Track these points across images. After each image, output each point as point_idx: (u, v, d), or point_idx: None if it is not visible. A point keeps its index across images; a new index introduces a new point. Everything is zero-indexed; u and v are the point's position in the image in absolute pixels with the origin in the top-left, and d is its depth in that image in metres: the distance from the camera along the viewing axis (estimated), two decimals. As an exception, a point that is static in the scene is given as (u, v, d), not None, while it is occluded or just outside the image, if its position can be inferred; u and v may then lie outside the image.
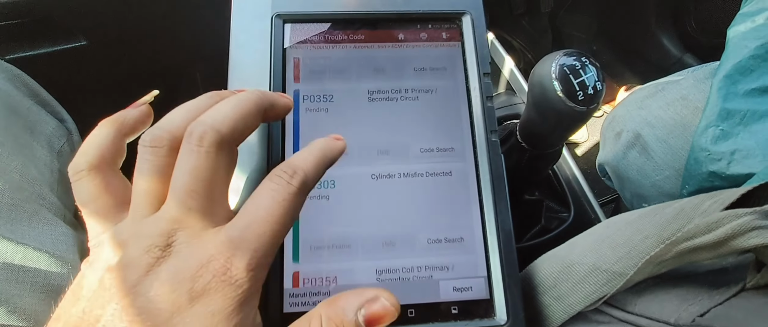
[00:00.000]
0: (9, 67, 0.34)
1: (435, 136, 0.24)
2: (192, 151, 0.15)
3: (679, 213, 0.20)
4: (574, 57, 0.28)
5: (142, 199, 0.16)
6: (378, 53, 0.26)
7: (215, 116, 0.16)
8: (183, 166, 0.15)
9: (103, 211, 0.16)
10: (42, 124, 0.34)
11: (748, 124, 0.27)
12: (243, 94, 0.17)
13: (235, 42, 0.25)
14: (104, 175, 0.17)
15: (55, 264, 0.26)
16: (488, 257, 0.23)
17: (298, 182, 0.16)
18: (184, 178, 0.15)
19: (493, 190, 0.24)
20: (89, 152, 0.17)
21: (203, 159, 0.15)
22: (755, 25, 0.29)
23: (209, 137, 0.15)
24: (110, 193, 0.17)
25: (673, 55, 0.94)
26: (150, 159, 0.16)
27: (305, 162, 0.16)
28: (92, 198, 0.16)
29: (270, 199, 0.15)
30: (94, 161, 0.16)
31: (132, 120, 0.18)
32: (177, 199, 0.15)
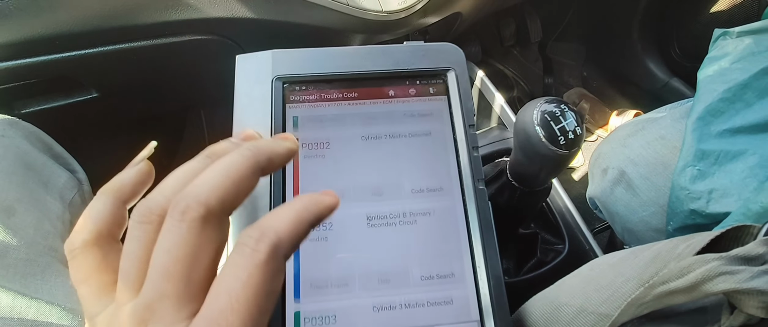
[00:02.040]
0: (26, 125, 0.36)
1: (426, 176, 0.26)
2: (173, 227, 0.14)
3: (656, 256, 0.22)
4: (554, 104, 0.30)
5: (125, 283, 0.14)
6: (370, 109, 0.28)
7: (201, 186, 0.14)
8: (162, 244, 0.14)
9: (97, 291, 0.15)
10: (55, 177, 0.35)
11: (722, 163, 0.29)
12: (235, 156, 0.15)
13: (239, 104, 0.27)
14: (100, 251, 0.15)
15: (66, 317, 0.28)
16: (480, 301, 0.24)
17: (266, 248, 0.13)
18: (162, 258, 0.14)
19: (482, 235, 0.25)
20: (84, 228, 0.16)
21: (184, 235, 0.14)
22: (721, 69, 0.31)
23: (192, 212, 0.14)
24: (105, 270, 0.15)
25: (661, 79, 0.97)
26: (137, 235, 0.14)
27: (279, 222, 0.14)
28: (85, 277, 0.15)
29: (233, 279, 0.13)
30: (89, 237, 0.15)
31: (130, 184, 0.17)
32: (152, 282, 0.14)
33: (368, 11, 0.47)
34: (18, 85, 0.40)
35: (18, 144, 0.33)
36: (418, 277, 0.24)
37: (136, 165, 0.17)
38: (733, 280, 0.18)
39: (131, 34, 0.42)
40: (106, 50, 0.41)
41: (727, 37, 0.33)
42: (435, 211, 0.25)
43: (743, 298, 0.18)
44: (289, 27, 0.47)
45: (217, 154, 0.16)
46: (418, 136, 0.27)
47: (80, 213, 0.37)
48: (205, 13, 0.42)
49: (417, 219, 0.25)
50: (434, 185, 0.26)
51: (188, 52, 0.46)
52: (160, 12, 0.41)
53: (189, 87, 0.55)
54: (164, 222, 0.14)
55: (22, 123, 0.36)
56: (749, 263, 0.18)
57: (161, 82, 0.51)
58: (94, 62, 0.42)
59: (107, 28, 0.40)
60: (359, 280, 0.23)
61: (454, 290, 0.24)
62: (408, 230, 0.25)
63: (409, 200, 0.25)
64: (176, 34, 0.43)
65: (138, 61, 0.44)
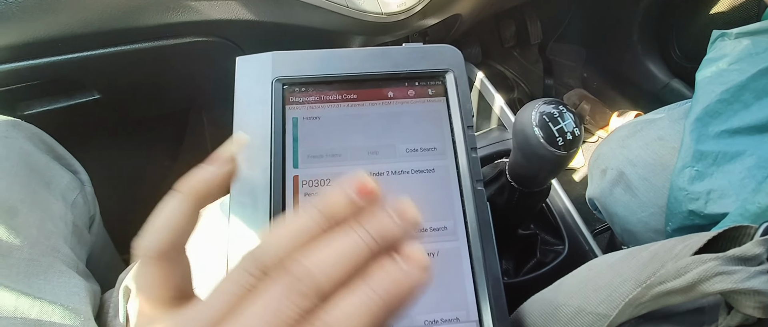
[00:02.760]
0: (29, 126, 0.36)
1: (425, 176, 0.26)
2: (275, 295, 0.13)
3: (653, 257, 0.22)
4: (552, 105, 0.30)
5: (204, 316, 0.13)
6: (369, 110, 0.28)
7: (320, 269, 0.13)
8: (260, 305, 0.13)
9: (158, 302, 0.15)
10: (58, 178, 0.36)
11: (720, 164, 0.29)
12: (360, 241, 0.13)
13: (239, 105, 0.27)
14: (170, 264, 0.15)
15: (68, 316, 0.28)
16: (479, 302, 0.24)
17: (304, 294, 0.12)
18: (251, 321, 0.12)
19: (481, 236, 0.25)
20: (160, 234, 0.15)
21: (284, 310, 0.12)
22: (719, 70, 0.31)
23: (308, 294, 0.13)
24: (170, 285, 0.15)
25: (661, 81, 0.97)
26: (240, 282, 0.13)
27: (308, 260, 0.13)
28: (151, 287, 0.15)
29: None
30: (164, 247, 0.15)
31: (213, 185, 0.16)
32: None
33: (368, 13, 0.47)
34: (21, 87, 0.40)
35: (21, 145, 0.34)
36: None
37: (218, 163, 0.16)
38: (729, 280, 0.18)
39: (133, 35, 0.42)
40: (108, 52, 0.41)
41: (725, 38, 0.33)
42: (433, 208, 0.25)
43: (740, 298, 0.18)
44: (290, 29, 0.47)
45: (334, 217, 0.14)
46: (416, 137, 0.27)
47: (83, 214, 0.37)
48: (205, 15, 0.43)
49: (415, 200, 0.25)
50: (433, 186, 0.26)
51: (189, 54, 0.46)
52: (161, 14, 0.41)
53: (190, 88, 0.55)
54: (271, 281, 0.13)
55: (25, 124, 0.36)
56: (746, 263, 0.18)
57: (162, 83, 0.51)
58: (96, 64, 0.42)
59: (109, 30, 0.40)
60: None
61: (453, 290, 0.24)
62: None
63: (408, 177, 0.26)
64: (177, 36, 0.44)
65: (140, 62, 0.45)
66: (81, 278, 0.31)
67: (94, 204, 0.40)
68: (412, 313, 0.23)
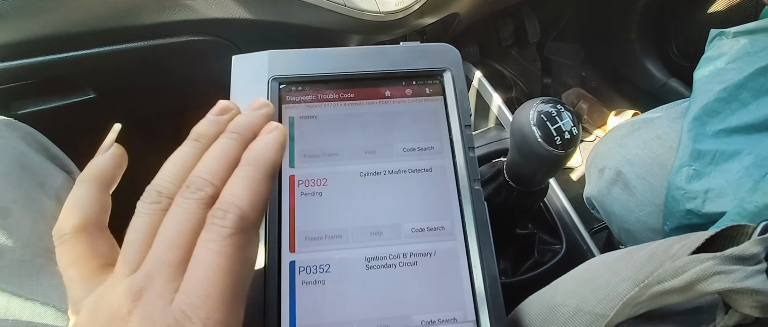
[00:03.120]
0: (22, 126, 0.36)
1: (422, 175, 0.26)
2: (183, 203, 0.15)
3: (651, 256, 0.22)
4: (550, 104, 0.30)
5: (126, 257, 0.15)
6: (367, 109, 0.28)
7: (204, 171, 0.16)
8: (171, 218, 0.15)
9: (85, 275, 0.15)
10: (51, 178, 0.35)
11: (718, 163, 0.29)
12: (226, 141, 0.17)
13: (235, 103, 0.27)
14: (89, 237, 0.16)
15: (61, 318, 0.27)
16: (476, 302, 0.24)
17: (231, 222, 0.14)
18: (169, 230, 0.15)
19: (478, 235, 0.25)
20: (73, 214, 0.16)
21: (193, 211, 0.15)
22: (717, 69, 0.31)
23: (201, 192, 0.15)
24: (93, 256, 0.16)
25: (659, 80, 0.97)
26: (145, 213, 0.15)
27: (234, 193, 0.15)
28: (74, 261, 0.16)
29: (207, 251, 0.14)
30: (79, 223, 0.16)
31: (110, 169, 0.18)
32: (155, 251, 0.14)
33: (365, 12, 0.47)
34: (15, 86, 0.40)
35: (14, 145, 0.33)
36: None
37: (107, 150, 0.18)
38: (727, 280, 0.18)
39: (128, 34, 0.42)
40: (103, 51, 0.41)
41: (723, 37, 0.33)
42: (431, 207, 0.25)
43: (738, 297, 0.18)
44: (287, 28, 0.47)
45: (204, 136, 0.17)
46: (413, 136, 0.27)
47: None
48: (202, 13, 0.42)
49: (412, 197, 0.25)
50: (430, 186, 0.26)
51: (185, 53, 0.46)
52: (157, 13, 0.41)
53: (186, 88, 0.55)
54: (174, 202, 0.15)
55: (19, 124, 0.35)
56: (744, 263, 0.18)
57: (158, 82, 0.51)
58: (91, 63, 0.42)
59: (104, 29, 0.40)
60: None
61: (450, 290, 0.24)
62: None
63: (405, 176, 0.25)
64: (173, 35, 0.43)
65: (135, 61, 0.44)
66: (75, 279, 0.31)
67: (89, 204, 0.40)
68: (409, 312, 0.23)
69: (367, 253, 0.24)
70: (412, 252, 0.24)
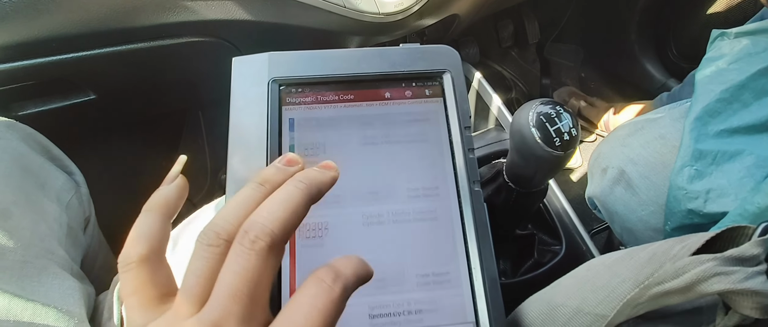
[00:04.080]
0: (23, 127, 0.36)
1: (422, 178, 0.26)
2: (243, 252, 0.15)
3: (651, 257, 0.22)
4: (549, 106, 0.30)
5: (187, 297, 0.15)
6: (367, 111, 0.28)
7: (268, 217, 0.16)
8: (232, 266, 0.15)
9: (145, 303, 0.16)
10: (52, 179, 0.35)
11: (719, 163, 0.29)
12: (292, 189, 0.17)
13: (235, 106, 0.27)
14: (151, 267, 0.16)
15: (62, 318, 0.27)
16: (476, 303, 0.24)
17: (340, 288, 0.15)
18: (231, 279, 0.15)
19: (477, 237, 0.25)
20: (140, 243, 0.16)
21: (253, 261, 0.15)
22: (719, 70, 0.31)
23: (261, 242, 0.15)
24: (155, 284, 0.16)
25: (658, 80, 0.97)
26: (204, 256, 0.15)
27: (350, 268, 0.16)
28: (136, 289, 0.16)
29: (310, 306, 0.14)
30: (145, 252, 0.16)
31: (174, 200, 0.18)
32: (219, 301, 0.15)
33: (365, 13, 0.47)
34: (15, 87, 0.40)
35: (15, 146, 0.33)
36: (414, 277, 0.24)
37: (172, 181, 0.19)
38: (727, 281, 0.18)
39: (129, 36, 0.42)
40: (103, 52, 0.41)
41: (724, 37, 0.33)
42: (430, 213, 0.25)
43: (738, 298, 0.18)
44: (287, 29, 0.47)
45: (270, 182, 0.18)
46: (414, 137, 0.27)
47: (77, 215, 0.37)
48: (202, 15, 0.42)
49: (413, 220, 0.25)
50: (430, 186, 0.26)
51: (185, 54, 0.46)
52: (157, 14, 0.41)
53: (186, 89, 0.55)
54: (232, 247, 0.15)
55: (19, 125, 0.36)
56: (744, 264, 0.18)
57: (159, 84, 0.51)
58: (91, 64, 0.42)
59: (105, 30, 0.40)
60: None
61: (450, 291, 0.24)
62: (404, 231, 0.25)
63: (405, 202, 0.25)
64: (173, 36, 0.43)
65: (135, 63, 0.44)
66: (75, 280, 0.31)
67: (89, 205, 0.40)
68: (409, 312, 0.23)
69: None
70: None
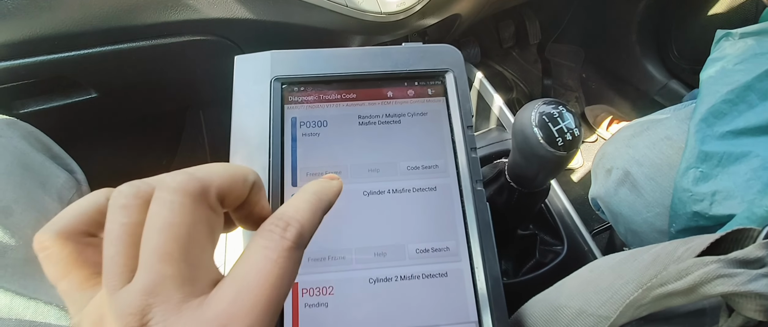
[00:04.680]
0: (24, 125, 0.36)
1: (425, 176, 0.26)
2: (164, 202, 0.13)
3: (655, 259, 0.21)
4: (552, 105, 0.30)
5: (111, 270, 0.13)
6: (369, 110, 0.28)
7: (195, 169, 0.14)
8: (154, 222, 0.13)
9: (78, 285, 0.14)
10: (53, 177, 0.35)
11: (725, 165, 0.29)
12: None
13: (238, 104, 0.27)
14: (74, 246, 0.14)
15: (64, 317, 0.27)
16: (478, 302, 0.24)
17: (293, 235, 0.13)
18: (156, 238, 0.13)
19: (480, 236, 0.25)
20: (60, 222, 0.14)
21: (178, 213, 0.13)
22: (724, 70, 0.31)
23: (186, 185, 0.13)
24: (83, 265, 0.14)
25: (659, 81, 0.97)
26: (118, 219, 0.13)
27: (298, 211, 0.14)
28: (64, 273, 0.14)
29: (263, 259, 0.13)
30: (65, 229, 0.14)
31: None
32: (149, 265, 0.12)
33: (367, 12, 0.47)
34: (16, 85, 0.40)
35: (16, 144, 0.33)
36: (420, 271, 0.24)
37: None
38: (731, 283, 0.18)
39: (130, 34, 0.41)
40: (105, 50, 0.41)
41: (729, 38, 0.33)
42: (433, 211, 0.25)
43: (741, 300, 0.18)
44: (288, 28, 0.47)
45: None
46: (416, 136, 0.27)
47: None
48: (204, 13, 0.42)
49: (415, 212, 0.25)
50: (432, 185, 0.26)
51: (187, 53, 0.46)
52: (159, 12, 0.41)
53: (188, 88, 0.55)
54: (152, 201, 0.13)
55: (21, 123, 0.35)
56: (748, 266, 0.18)
57: (160, 82, 0.51)
58: (93, 62, 0.42)
59: (106, 28, 0.40)
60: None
61: (452, 290, 0.24)
62: (407, 210, 0.25)
63: (408, 196, 0.25)
64: (175, 35, 0.43)
65: (137, 61, 0.44)
66: (76, 279, 0.31)
67: (90, 204, 0.40)
68: (411, 314, 0.23)
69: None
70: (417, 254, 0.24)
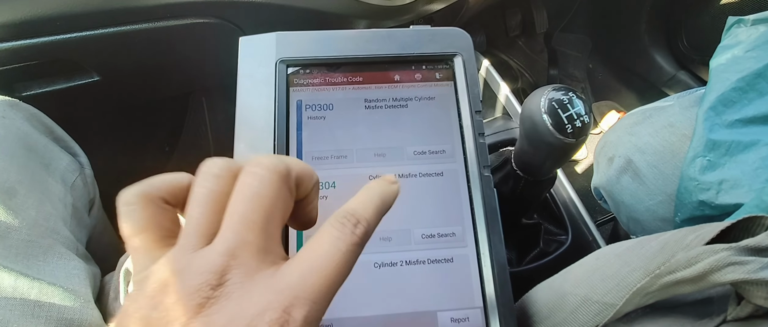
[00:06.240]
0: (27, 107, 0.35)
1: (432, 161, 0.26)
2: (254, 175, 0.14)
3: (663, 246, 0.21)
4: (562, 91, 0.30)
5: (194, 229, 0.14)
6: (375, 93, 0.27)
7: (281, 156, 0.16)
8: (243, 191, 0.14)
9: (149, 244, 0.14)
10: (56, 160, 0.35)
11: (733, 154, 0.28)
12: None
13: (242, 87, 0.26)
14: (156, 208, 0.15)
15: (68, 298, 0.28)
16: (484, 288, 0.24)
17: (361, 233, 0.14)
18: (244, 206, 0.14)
19: (487, 222, 0.25)
20: (143, 184, 0.15)
21: (266, 186, 0.14)
22: (735, 58, 0.31)
23: (275, 167, 0.14)
24: (159, 226, 0.15)
25: (668, 72, 0.96)
26: (208, 185, 0.14)
27: (367, 210, 0.15)
28: (140, 230, 0.14)
29: (332, 247, 0.14)
30: (148, 191, 0.15)
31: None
32: (233, 229, 0.13)
33: (373, -4, 0.46)
34: (19, 67, 0.40)
35: (19, 126, 0.33)
36: (425, 256, 0.24)
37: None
38: (742, 271, 0.18)
39: (133, 15, 0.41)
40: (107, 32, 0.41)
41: (741, 25, 0.32)
42: (439, 196, 0.25)
43: (751, 288, 0.18)
44: (292, 11, 0.46)
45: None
46: (423, 121, 0.27)
47: (82, 196, 0.37)
48: (207, -5, 0.41)
49: (423, 195, 0.25)
50: (439, 171, 0.26)
51: (190, 36, 0.45)
52: (161, -6, 0.40)
53: (191, 72, 0.55)
54: (242, 172, 0.15)
55: (23, 105, 0.35)
56: (759, 254, 0.18)
57: (163, 66, 0.50)
58: (95, 44, 0.41)
59: (109, 9, 0.39)
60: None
61: (458, 275, 0.24)
62: (413, 195, 0.24)
63: (414, 181, 0.25)
64: (178, 17, 0.43)
65: (140, 43, 0.44)
66: (81, 260, 0.31)
67: (93, 187, 0.40)
68: (419, 298, 0.23)
69: (376, 259, 0.24)
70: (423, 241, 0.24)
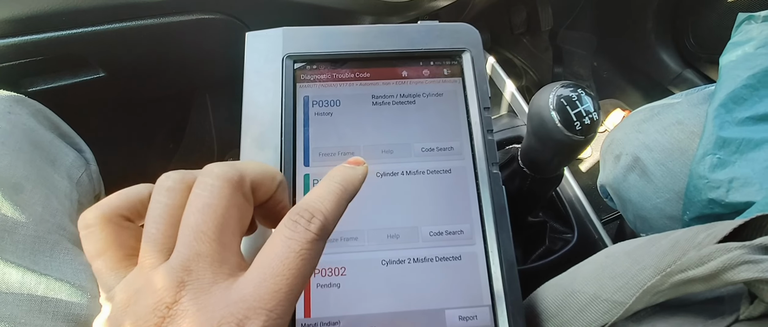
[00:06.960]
0: (32, 103, 0.35)
1: (440, 157, 0.25)
2: (205, 185, 0.14)
3: (674, 245, 0.21)
4: (570, 88, 0.29)
5: (152, 246, 0.14)
6: (383, 89, 0.27)
7: (234, 163, 0.16)
8: (195, 203, 0.14)
9: (113, 264, 0.15)
10: (62, 156, 0.35)
11: (744, 152, 0.28)
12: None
13: (249, 82, 0.26)
14: (115, 228, 0.15)
15: (75, 294, 0.28)
16: (492, 286, 0.24)
17: (317, 228, 0.14)
18: (194, 217, 0.14)
19: (495, 220, 0.25)
20: (103, 205, 0.15)
21: (216, 196, 0.14)
22: (746, 54, 0.30)
23: (226, 175, 0.14)
24: (120, 246, 0.15)
25: (674, 71, 0.95)
26: (162, 200, 0.15)
27: (323, 202, 0.15)
28: (101, 251, 0.15)
29: (285, 248, 0.14)
30: (108, 212, 0.15)
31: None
32: (186, 242, 0.14)
33: (379, -8, 0.46)
34: (25, 62, 0.40)
35: (25, 121, 0.33)
36: (433, 254, 0.24)
37: None
38: (756, 270, 0.17)
39: (139, 11, 0.41)
40: (113, 28, 0.41)
41: (751, 21, 0.32)
42: (447, 193, 0.25)
43: (765, 288, 0.18)
44: (298, 7, 0.46)
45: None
46: (431, 118, 0.26)
47: (88, 192, 0.37)
48: (212, -9, 0.41)
49: (430, 192, 0.25)
50: (447, 168, 0.25)
51: (195, 32, 0.45)
52: (167, -11, 0.40)
53: (196, 69, 0.54)
54: (195, 185, 0.15)
55: (29, 100, 0.35)
56: (773, 252, 0.18)
57: (168, 62, 0.50)
58: (101, 40, 0.41)
59: (114, 5, 0.39)
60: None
61: (466, 273, 0.23)
62: (421, 193, 0.24)
63: (422, 178, 0.25)
64: (184, 13, 0.43)
65: (145, 39, 0.44)
66: (87, 256, 0.31)
67: (99, 183, 0.40)
68: (428, 297, 0.23)
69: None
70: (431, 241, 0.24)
